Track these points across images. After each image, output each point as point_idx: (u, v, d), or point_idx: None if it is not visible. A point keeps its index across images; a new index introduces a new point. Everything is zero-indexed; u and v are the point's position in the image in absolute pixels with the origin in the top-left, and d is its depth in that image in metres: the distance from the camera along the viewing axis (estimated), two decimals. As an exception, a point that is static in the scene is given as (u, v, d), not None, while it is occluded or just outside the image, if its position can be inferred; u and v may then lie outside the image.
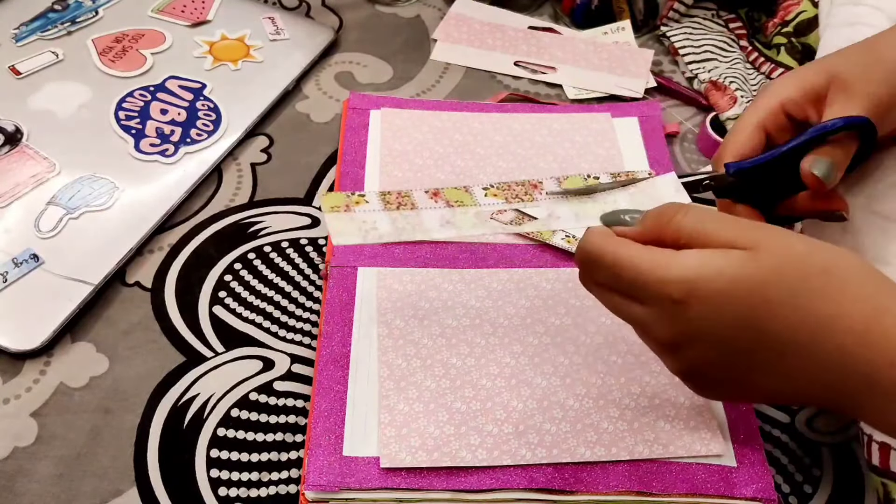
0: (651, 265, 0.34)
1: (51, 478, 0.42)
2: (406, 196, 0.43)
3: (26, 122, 0.58)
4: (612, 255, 0.36)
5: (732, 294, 0.33)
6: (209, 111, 0.60)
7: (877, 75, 0.41)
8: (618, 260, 0.35)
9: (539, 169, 0.57)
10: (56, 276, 0.49)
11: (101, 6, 0.68)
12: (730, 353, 0.34)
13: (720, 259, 0.33)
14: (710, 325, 0.34)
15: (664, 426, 0.43)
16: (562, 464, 0.42)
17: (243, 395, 0.46)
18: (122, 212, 0.53)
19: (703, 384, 0.38)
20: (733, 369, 0.35)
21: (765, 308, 0.33)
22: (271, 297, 0.51)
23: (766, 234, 0.34)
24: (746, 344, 0.34)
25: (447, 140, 0.59)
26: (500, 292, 0.50)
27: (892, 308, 0.32)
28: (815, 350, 0.32)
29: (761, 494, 0.41)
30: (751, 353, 0.34)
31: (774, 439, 0.46)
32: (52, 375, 0.46)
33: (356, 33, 0.70)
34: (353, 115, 0.60)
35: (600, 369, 0.46)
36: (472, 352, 0.46)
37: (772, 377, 0.35)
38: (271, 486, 0.43)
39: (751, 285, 0.33)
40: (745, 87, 0.62)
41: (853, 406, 0.34)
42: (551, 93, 0.65)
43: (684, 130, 0.63)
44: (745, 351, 0.34)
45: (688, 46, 0.67)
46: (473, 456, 0.42)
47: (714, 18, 0.71)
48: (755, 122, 0.43)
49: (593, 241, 0.37)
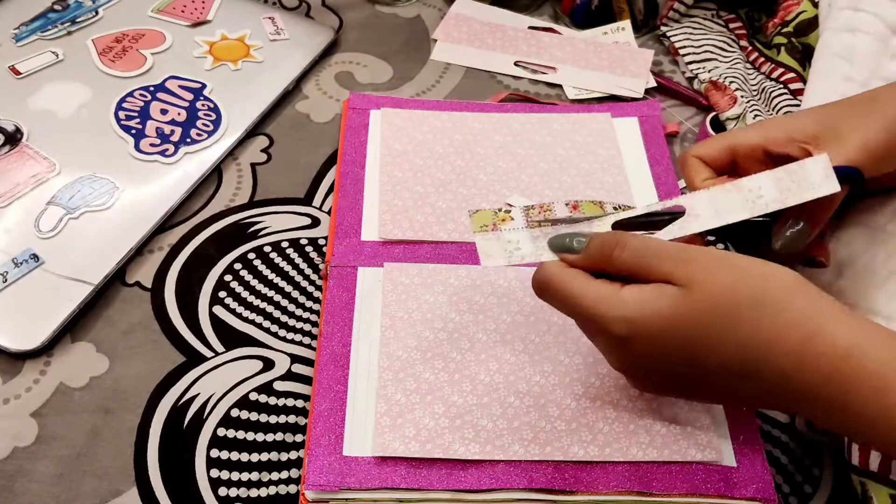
0: (595, 302, 0.36)
1: (51, 478, 0.42)
2: (548, 209, 0.42)
3: (26, 122, 0.58)
4: (562, 288, 0.38)
5: (671, 332, 0.35)
6: (209, 111, 0.60)
7: (875, 125, 0.41)
8: (567, 294, 0.37)
9: (539, 169, 0.57)
10: (56, 276, 0.49)
11: (101, 6, 0.68)
12: (678, 379, 0.37)
13: (656, 299, 0.35)
14: (654, 359, 0.36)
15: (660, 429, 0.43)
16: (561, 464, 0.42)
17: (243, 395, 0.46)
18: (122, 212, 0.53)
19: (660, 394, 0.43)
20: (684, 389, 0.38)
21: (702, 344, 0.35)
22: (271, 297, 0.51)
23: (700, 267, 0.35)
24: (691, 371, 0.36)
25: (447, 140, 0.59)
26: (506, 289, 0.50)
27: (823, 329, 0.33)
28: (756, 374, 0.34)
29: (761, 494, 0.41)
30: (697, 379, 0.36)
31: (774, 439, 0.46)
32: (52, 375, 0.46)
33: (356, 33, 0.70)
34: (353, 115, 0.60)
35: (601, 370, 0.46)
36: (472, 347, 0.47)
37: (720, 394, 0.38)
38: (271, 486, 0.43)
39: (685, 324, 0.35)
40: (745, 87, 0.62)
41: (800, 413, 0.37)
42: (551, 93, 0.65)
43: (684, 130, 0.63)
44: (691, 377, 0.37)
45: (688, 46, 0.67)
46: (466, 449, 0.42)
47: (714, 18, 0.71)
48: (728, 143, 0.44)
49: (544, 273, 0.38)
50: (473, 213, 0.42)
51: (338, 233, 0.52)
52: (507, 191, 0.55)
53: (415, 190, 0.55)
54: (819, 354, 0.33)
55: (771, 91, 0.61)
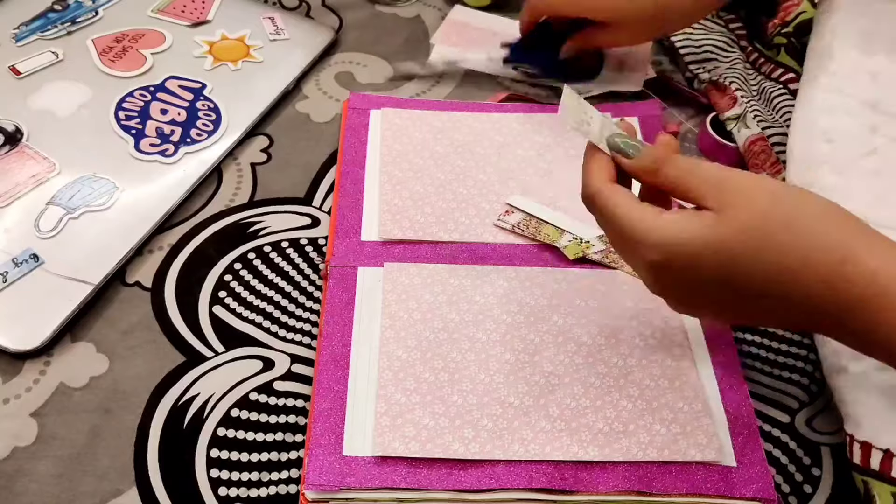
0: (636, 221, 0.37)
1: (51, 478, 0.42)
2: None
3: (26, 122, 0.58)
4: (608, 202, 0.38)
5: (705, 256, 0.36)
6: (209, 111, 0.60)
7: None
8: (612, 208, 0.38)
9: (539, 169, 0.57)
10: (56, 276, 0.49)
11: (101, 6, 0.68)
12: (710, 300, 0.38)
13: (693, 224, 0.36)
14: (688, 281, 0.37)
15: (660, 430, 0.43)
16: (561, 464, 0.42)
17: (243, 394, 0.46)
18: (122, 212, 0.53)
19: (691, 313, 0.44)
20: (714, 308, 0.39)
21: (734, 267, 0.35)
22: (271, 297, 0.51)
23: (735, 192, 0.36)
24: (724, 295, 0.37)
25: (447, 140, 0.59)
26: (506, 289, 0.50)
27: (854, 253, 0.34)
28: (787, 297, 0.36)
29: (761, 494, 0.41)
30: (729, 300, 0.38)
31: (774, 439, 0.46)
32: (52, 375, 0.46)
33: (356, 33, 0.70)
34: (353, 115, 0.60)
35: (600, 370, 0.46)
36: (472, 347, 0.47)
37: (754, 316, 0.39)
38: (271, 485, 0.43)
39: (719, 248, 0.35)
40: (745, 88, 0.62)
41: (830, 335, 0.38)
42: (551, 93, 0.65)
43: (684, 130, 0.63)
44: (724, 299, 0.38)
45: (688, 47, 0.67)
46: (466, 449, 0.42)
47: (714, 19, 0.71)
48: None
49: (595, 187, 0.39)
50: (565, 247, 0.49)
51: (338, 233, 0.52)
52: (507, 191, 0.55)
53: (415, 190, 0.55)
54: (848, 280, 0.34)
55: (771, 91, 0.61)
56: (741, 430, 0.44)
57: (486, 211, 0.54)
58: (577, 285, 0.50)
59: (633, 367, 0.46)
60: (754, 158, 0.57)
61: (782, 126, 0.58)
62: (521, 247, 0.52)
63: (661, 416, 0.44)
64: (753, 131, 0.58)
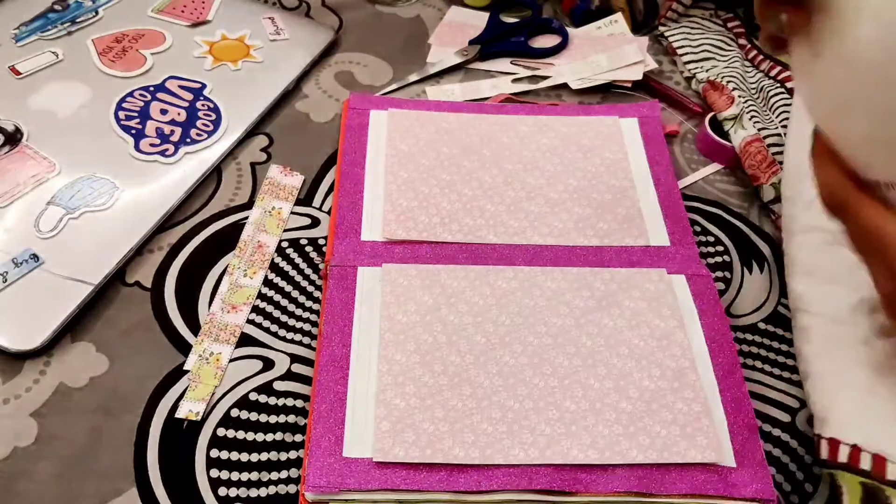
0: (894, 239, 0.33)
1: (51, 478, 0.42)
2: None
3: (26, 122, 0.58)
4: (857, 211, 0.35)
5: None
6: (209, 111, 0.60)
7: None
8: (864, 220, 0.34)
9: (545, 171, 0.57)
10: (56, 276, 0.49)
11: (101, 6, 0.68)
12: None
13: None
14: None
15: (660, 431, 0.43)
16: (561, 465, 0.42)
17: (243, 395, 0.46)
18: (122, 212, 0.53)
19: None
20: None
21: None
22: (271, 296, 0.51)
23: None
24: None
25: (454, 141, 0.59)
26: (505, 290, 0.50)
27: None
28: None
29: (761, 495, 0.41)
30: None
31: (774, 439, 0.46)
32: (52, 375, 0.46)
33: (356, 33, 0.70)
34: (353, 115, 0.60)
35: (600, 372, 0.46)
36: (471, 349, 0.46)
37: None
38: (271, 486, 0.43)
39: None
40: (744, 86, 0.62)
41: None
42: (552, 93, 0.65)
43: (684, 130, 0.63)
44: None
45: (685, 46, 0.67)
46: (466, 454, 0.42)
47: (712, 18, 0.71)
48: None
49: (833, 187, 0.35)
50: None
51: (338, 233, 0.52)
52: (512, 192, 0.55)
53: (420, 191, 0.55)
54: None
55: (769, 90, 0.62)
56: (741, 431, 0.44)
57: (491, 213, 0.54)
58: (576, 285, 0.50)
59: (632, 368, 0.46)
60: (750, 159, 0.57)
61: (777, 127, 0.59)
62: (522, 247, 0.52)
63: (660, 417, 0.44)
64: (749, 132, 0.58)
